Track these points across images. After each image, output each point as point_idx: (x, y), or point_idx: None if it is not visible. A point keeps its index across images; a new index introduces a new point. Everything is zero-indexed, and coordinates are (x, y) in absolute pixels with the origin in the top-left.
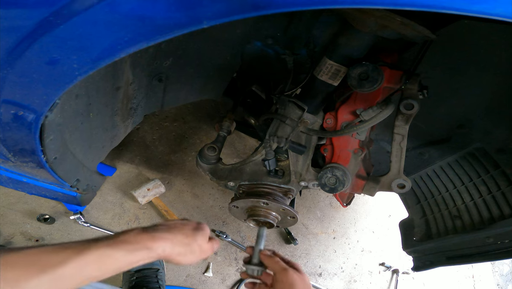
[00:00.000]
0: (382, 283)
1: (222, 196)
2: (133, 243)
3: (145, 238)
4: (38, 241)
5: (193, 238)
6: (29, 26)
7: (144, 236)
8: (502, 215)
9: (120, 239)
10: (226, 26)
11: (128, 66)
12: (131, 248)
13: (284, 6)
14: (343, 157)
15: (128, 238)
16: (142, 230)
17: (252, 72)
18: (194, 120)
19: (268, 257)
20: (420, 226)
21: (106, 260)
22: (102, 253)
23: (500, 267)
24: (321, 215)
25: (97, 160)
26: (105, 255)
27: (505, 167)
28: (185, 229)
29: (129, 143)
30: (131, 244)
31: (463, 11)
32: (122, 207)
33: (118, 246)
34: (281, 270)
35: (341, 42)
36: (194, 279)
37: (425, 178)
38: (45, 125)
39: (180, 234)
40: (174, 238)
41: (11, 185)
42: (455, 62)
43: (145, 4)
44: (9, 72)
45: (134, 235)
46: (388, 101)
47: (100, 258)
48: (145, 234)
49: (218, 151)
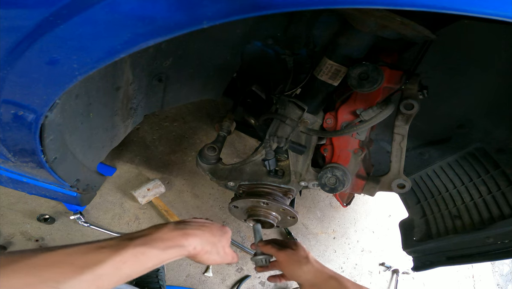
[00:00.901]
0: (382, 283)
1: (222, 196)
2: (166, 241)
3: (177, 235)
4: (38, 241)
5: (219, 239)
6: (29, 26)
7: (176, 233)
8: (502, 215)
9: (154, 236)
10: (226, 26)
11: (128, 66)
12: (164, 246)
13: (284, 6)
14: (343, 157)
15: (161, 235)
16: (175, 227)
17: (252, 72)
18: (194, 120)
19: (263, 246)
20: (420, 226)
21: (141, 258)
22: (138, 251)
23: (500, 267)
24: (321, 215)
25: (97, 160)
26: (140, 253)
27: (505, 167)
28: (213, 229)
29: (129, 143)
30: (165, 241)
31: (463, 11)
32: (122, 207)
33: (153, 244)
34: (276, 253)
35: (341, 42)
36: (194, 279)
37: (425, 178)
38: (45, 125)
39: (208, 232)
40: (203, 236)
41: (11, 185)
42: (455, 62)
43: (145, 4)
44: (9, 72)
45: (167, 232)
46: (388, 101)
47: (135, 257)
48: (178, 231)
49: (218, 151)
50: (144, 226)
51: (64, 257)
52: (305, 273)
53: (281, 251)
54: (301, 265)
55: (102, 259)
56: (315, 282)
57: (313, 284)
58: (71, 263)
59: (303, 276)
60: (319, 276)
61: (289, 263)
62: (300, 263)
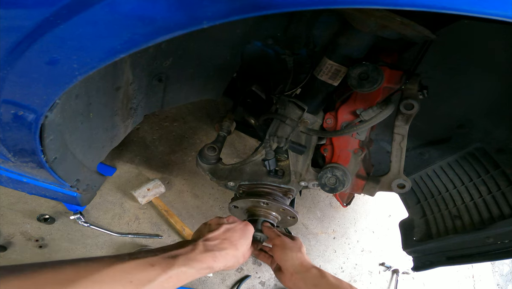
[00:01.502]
0: (382, 283)
1: (222, 196)
2: (200, 262)
3: (208, 257)
4: (38, 241)
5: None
6: (29, 26)
7: (207, 255)
8: (502, 215)
9: (191, 257)
10: (226, 26)
11: (128, 66)
12: (199, 267)
13: (284, 6)
14: (343, 157)
15: (196, 256)
16: (205, 248)
17: (252, 72)
18: (194, 120)
19: (267, 227)
20: (420, 226)
21: (182, 277)
22: (180, 271)
23: (500, 267)
24: (321, 215)
25: (97, 160)
26: (182, 273)
27: (505, 167)
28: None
29: (129, 143)
30: (199, 262)
31: (463, 11)
32: (122, 207)
33: (191, 264)
34: (275, 236)
35: (341, 42)
36: (194, 279)
37: (425, 178)
38: (45, 125)
39: (232, 247)
40: (228, 255)
41: (11, 185)
42: (455, 62)
43: (145, 4)
44: (9, 72)
45: (200, 253)
46: (388, 101)
47: (177, 276)
48: (208, 253)
49: (218, 151)
50: (144, 226)
51: (123, 275)
52: (293, 259)
53: (279, 236)
54: (292, 252)
55: (153, 277)
56: (299, 270)
57: (296, 271)
58: (130, 281)
59: (289, 261)
60: (304, 265)
61: (282, 247)
62: (291, 250)
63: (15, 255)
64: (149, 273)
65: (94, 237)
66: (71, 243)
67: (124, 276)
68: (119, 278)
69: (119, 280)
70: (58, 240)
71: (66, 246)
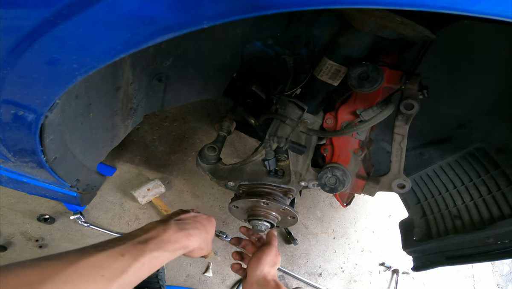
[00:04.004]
0: (382, 283)
1: (222, 196)
2: (174, 243)
3: (182, 236)
4: (38, 241)
5: (210, 234)
6: (29, 26)
7: (181, 234)
8: (502, 215)
9: (163, 239)
10: (226, 26)
11: (128, 66)
12: (173, 248)
13: (284, 6)
14: (343, 157)
15: (169, 238)
16: (178, 227)
17: (252, 72)
18: (194, 120)
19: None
20: (420, 226)
21: (156, 262)
22: (153, 256)
23: (500, 267)
24: (321, 215)
25: (97, 160)
26: (155, 258)
27: (505, 167)
28: (205, 224)
29: (129, 143)
30: (173, 243)
31: (463, 11)
32: (122, 207)
33: (164, 247)
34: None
35: (341, 42)
36: (194, 279)
37: (425, 178)
38: (45, 125)
39: (203, 229)
40: (201, 235)
41: (11, 185)
42: (455, 62)
43: (145, 4)
44: (9, 72)
45: (173, 233)
46: (388, 101)
47: (151, 261)
48: (182, 232)
49: (218, 151)
50: None
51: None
52: (260, 271)
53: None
54: (263, 265)
55: (125, 268)
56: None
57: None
58: (101, 276)
59: (256, 272)
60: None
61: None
62: (264, 264)
63: (15, 255)
64: (120, 263)
65: (94, 237)
66: (71, 243)
67: (93, 271)
68: (88, 274)
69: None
70: (58, 240)
71: (66, 246)
